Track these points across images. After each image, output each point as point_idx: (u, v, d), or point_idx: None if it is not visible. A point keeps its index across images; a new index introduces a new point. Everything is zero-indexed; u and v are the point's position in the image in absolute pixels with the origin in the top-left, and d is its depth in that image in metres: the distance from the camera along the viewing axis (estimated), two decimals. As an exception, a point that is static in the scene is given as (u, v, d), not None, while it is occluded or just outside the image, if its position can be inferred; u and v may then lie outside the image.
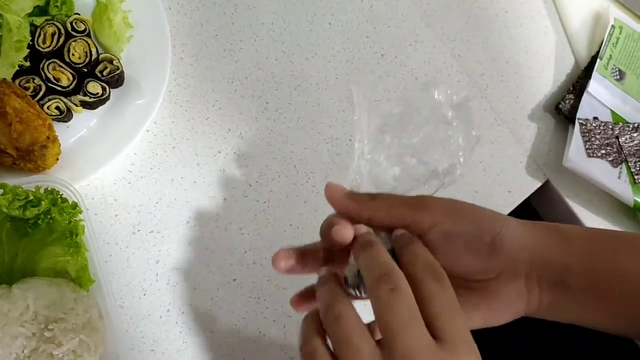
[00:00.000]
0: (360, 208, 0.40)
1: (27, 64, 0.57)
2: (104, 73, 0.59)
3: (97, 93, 0.58)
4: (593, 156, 0.65)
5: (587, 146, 0.65)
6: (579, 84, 0.70)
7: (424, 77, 0.69)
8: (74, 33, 0.59)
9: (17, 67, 0.56)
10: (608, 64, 0.70)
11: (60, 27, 0.58)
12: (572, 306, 0.41)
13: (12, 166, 0.55)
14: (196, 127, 0.62)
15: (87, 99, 0.58)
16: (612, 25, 0.72)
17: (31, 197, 0.50)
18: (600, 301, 0.40)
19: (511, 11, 0.75)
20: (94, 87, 0.59)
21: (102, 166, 0.57)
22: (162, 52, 0.61)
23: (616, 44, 0.71)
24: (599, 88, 0.69)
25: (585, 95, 0.68)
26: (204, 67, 0.65)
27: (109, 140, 0.58)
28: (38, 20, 0.58)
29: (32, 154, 0.53)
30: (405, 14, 0.72)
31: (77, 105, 0.58)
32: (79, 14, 0.61)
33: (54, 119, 0.57)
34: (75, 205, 0.51)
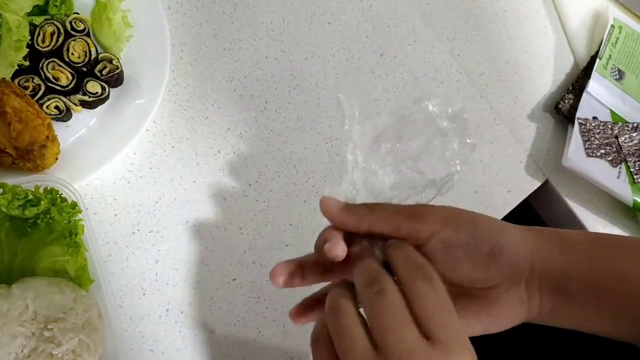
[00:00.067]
0: (358, 221, 0.39)
1: (27, 63, 0.57)
2: (104, 72, 0.59)
3: (97, 92, 0.58)
4: (592, 156, 0.65)
5: (586, 146, 0.65)
6: (578, 83, 0.70)
7: (424, 76, 0.69)
8: (73, 32, 0.59)
9: (16, 67, 0.56)
10: (607, 63, 0.70)
11: (60, 26, 0.58)
12: (573, 312, 0.40)
13: (11, 166, 0.55)
14: (195, 127, 0.62)
15: (86, 98, 0.58)
16: (612, 25, 0.72)
17: (30, 196, 0.50)
18: (600, 306, 0.40)
19: (510, 11, 0.75)
20: (94, 86, 0.59)
21: (102, 166, 0.57)
22: (161, 51, 0.61)
23: (615, 43, 0.71)
24: (598, 88, 0.69)
25: (584, 95, 0.68)
26: (204, 67, 0.65)
27: (109, 139, 0.58)
28: (37, 20, 0.58)
29: (31, 154, 0.53)
30: (405, 14, 0.72)
31: (76, 105, 0.58)
32: (78, 13, 0.60)
33: (53, 119, 0.57)
34: (74, 204, 0.51)
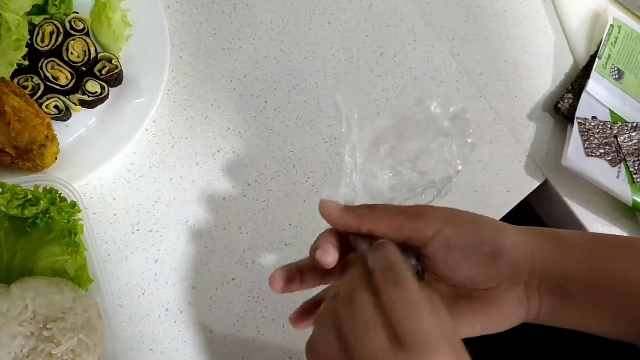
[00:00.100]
0: (360, 222, 0.39)
1: (26, 63, 0.57)
2: (103, 72, 0.59)
3: (96, 92, 0.58)
4: (592, 156, 0.65)
5: (586, 146, 0.65)
6: (577, 83, 0.70)
7: (423, 76, 0.69)
8: (72, 32, 0.59)
9: (15, 66, 0.56)
10: (607, 63, 0.70)
11: (59, 26, 0.58)
12: (573, 312, 0.40)
13: (10, 165, 0.55)
14: (195, 126, 0.62)
15: (86, 98, 0.58)
16: (611, 25, 0.72)
17: (30, 196, 0.50)
18: (600, 306, 0.40)
19: (510, 10, 0.75)
20: (93, 86, 0.58)
21: (101, 165, 0.57)
22: (161, 51, 0.61)
23: (615, 43, 0.71)
24: (597, 88, 0.69)
25: (584, 94, 0.68)
26: (203, 66, 0.65)
27: (108, 139, 0.58)
28: (37, 19, 0.58)
29: (30, 153, 0.53)
30: (404, 13, 0.72)
31: (76, 105, 0.58)
32: (77, 12, 0.60)
33: (52, 118, 0.57)
34: (74, 204, 0.51)
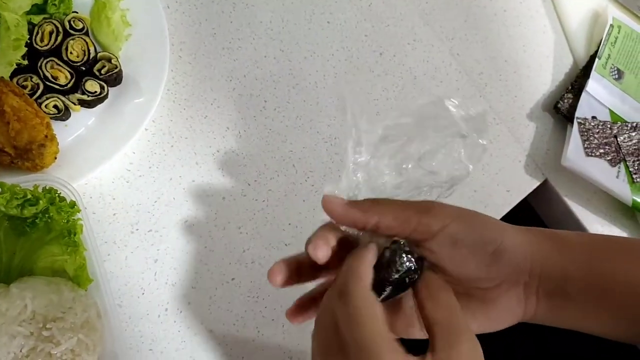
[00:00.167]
0: (365, 216, 0.38)
1: (25, 62, 0.57)
2: (102, 71, 0.59)
3: (95, 92, 0.58)
4: (591, 155, 0.65)
5: (585, 145, 0.65)
6: (577, 83, 0.70)
7: (423, 75, 0.69)
8: (72, 31, 0.59)
9: (14, 66, 0.56)
10: (607, 63, 0.70)
11: (58, 25, 0.58)
12: (572, 312, 0.41)
13: (10, 165, 0.55)
14: (195, 126, 0.62)
15: (85, 97, 0.58)
16: (611, 25, 0.72)
17: (29, 196, 0.50)
18: (600, 307, 0.40)
19: (510, 10, 0.75)
20: (92, 85, 0.58)
21: (101, 165, 0.57)
22: (160, 50, 0.61)
23: (615, 43, 0.71)
24: (597, 87, 0.69)
25: (583, 94, 0.68)
26: (203, 66, 0.65)
27: (107, 138, 0.58)
28: (36, 19, 0.58)
29: (30, 153, 0.53)
30: (404, 13, 0.72)
31: (75, 104, 0.58)
32: (77, 12, 0.60)
33: (52, 118, 0.57)
34: (73, 204, 0.51)
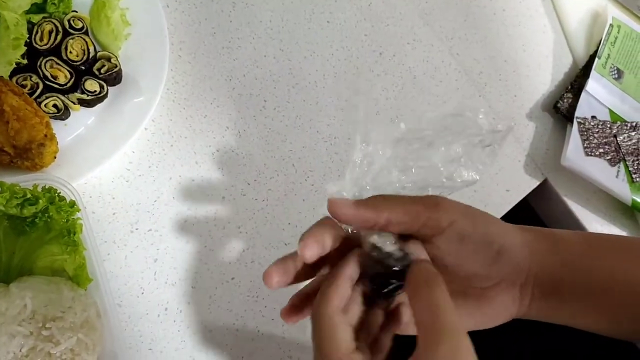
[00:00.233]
0: (376, 213, 0.37)
1: (25, 61, 0.57)
2: (102, 71, 0.59)
3: (95, 91, 0.58)
4: (591, 155, 0.65)
5: (585, 145, 0.65)
6: (577, 82, 0.70)
7: (422, 75, 0.69)
8: (71, 31, 0.59)
9: (14, 65, 0.56)
10: (606, 63, 0.70)
11: (58, 24, 0.58)
12: (569, 310, 0.41)
13: (9, 164, 0.55)
14: (194, 125, 0.62)
15: (84, 96, 0.58)
16: (610, 24, 0.72)
17: (29, 195, 0.50)
18: (598, 306, 0.40)
19: (509, 9, 0.75)
20: (92, 84, 0.58)
21: (100, 164, 0.57)
22: (160, 49, 0.61)
23: (614, 43, 0.71)
24: (597, 87, 0.69)
25: (583, 94, 0.68)
26: (202, 65, 0.65)
27: (107, 138, 0.58)
28: (35, 18, 0.58)
29: (29, 152, 0.53)
30: (404, 13, 0.72)
31: (74, 103, 0.58)
32: (76, 11, 0.60)
33: (51, 117, 0.57)
34: (72, 203, 0.51)
